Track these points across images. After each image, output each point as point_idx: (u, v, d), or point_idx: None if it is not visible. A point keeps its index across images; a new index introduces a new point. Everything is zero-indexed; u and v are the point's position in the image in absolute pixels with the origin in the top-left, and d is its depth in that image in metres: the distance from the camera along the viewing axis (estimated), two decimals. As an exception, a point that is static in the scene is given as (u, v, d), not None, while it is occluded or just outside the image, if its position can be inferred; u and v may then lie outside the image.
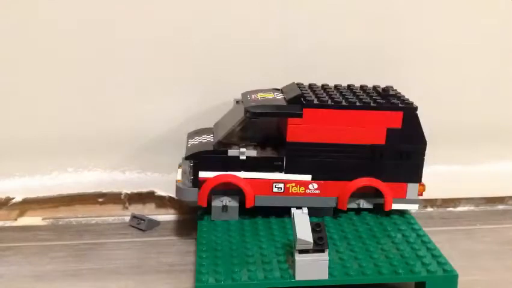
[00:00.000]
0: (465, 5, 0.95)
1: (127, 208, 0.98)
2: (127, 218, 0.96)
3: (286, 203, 0.84)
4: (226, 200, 0.85)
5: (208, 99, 0.94)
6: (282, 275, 0.72)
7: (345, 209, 0.85)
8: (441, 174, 0.93)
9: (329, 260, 0.71)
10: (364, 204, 0.87)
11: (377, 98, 0.84)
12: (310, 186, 0.84)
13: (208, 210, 0.86)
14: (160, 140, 0.97)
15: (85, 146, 0.96)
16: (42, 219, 0.96)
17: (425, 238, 0.81)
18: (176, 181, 0.86)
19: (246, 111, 0.82)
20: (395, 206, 0.86)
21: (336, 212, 0.87)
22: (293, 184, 0.84)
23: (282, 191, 0.84)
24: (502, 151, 1.02)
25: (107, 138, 0.96)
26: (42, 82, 0.92)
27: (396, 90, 0.87)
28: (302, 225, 0.70)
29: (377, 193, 0.85)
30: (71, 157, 0.96)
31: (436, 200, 1.01)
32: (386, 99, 0.83)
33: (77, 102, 0.94)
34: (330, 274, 0.72)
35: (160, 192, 0.97)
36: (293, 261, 0.72)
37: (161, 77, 0.94)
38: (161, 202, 0.99)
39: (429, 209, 1.02)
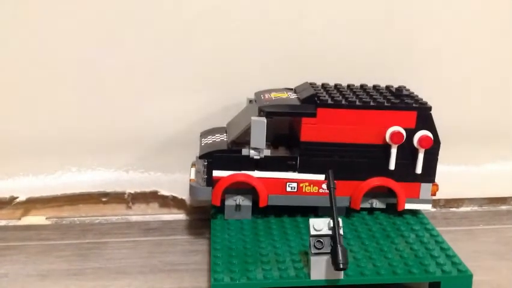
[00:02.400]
0: (476, 4, 0.96)
1: (130, 207, 0.98)
2: (131, 218, 0.96)
3: (299, 202, 0.84)
4: (240, 199, 0.85)
5: (219, 99, 0.94)
6: (297, 274, 0.72)
7: (358, 209, 0.85)
8: (444, 175, 0.93)
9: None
10: (377, 203, 0.87)
11: (391, 97, 0.84)
12: (323, 185, 0.84)
13: (220, 209, 0.86)
14: (163, 140, 0.96)
15: (88, 146, 0.95)
16: (46, 218, 0.96)
17: (438, 238, 0.82)
18: (190, 180, 0.85)
19: (261, 110, 0.81)
20: (408, 206, 0.86)
21: (349, 211, 0.87)
22: (306, 183, 0.84)
23: (295, 190, 0.84)
24: (506, 151, 1.03)
25: (111, 138, 0.95)
26: (46, 82, 0.91)
27: (409, 90, 0.87)
28: None
29: (389, 193, 0.86)
30: (75, 157, 0.95)
31: (439, 200, 1.02)
32: (400, 99, 0.84)
33: (81, 101, 0.93)
34: (345, 274, 0.72)
35: (163, 191, 0.97)
36: (308, 261, 0.72)
37: (169, 76, 0.93)
38: (165, 202, 0.98)
39: (432, 209, 1.02)
